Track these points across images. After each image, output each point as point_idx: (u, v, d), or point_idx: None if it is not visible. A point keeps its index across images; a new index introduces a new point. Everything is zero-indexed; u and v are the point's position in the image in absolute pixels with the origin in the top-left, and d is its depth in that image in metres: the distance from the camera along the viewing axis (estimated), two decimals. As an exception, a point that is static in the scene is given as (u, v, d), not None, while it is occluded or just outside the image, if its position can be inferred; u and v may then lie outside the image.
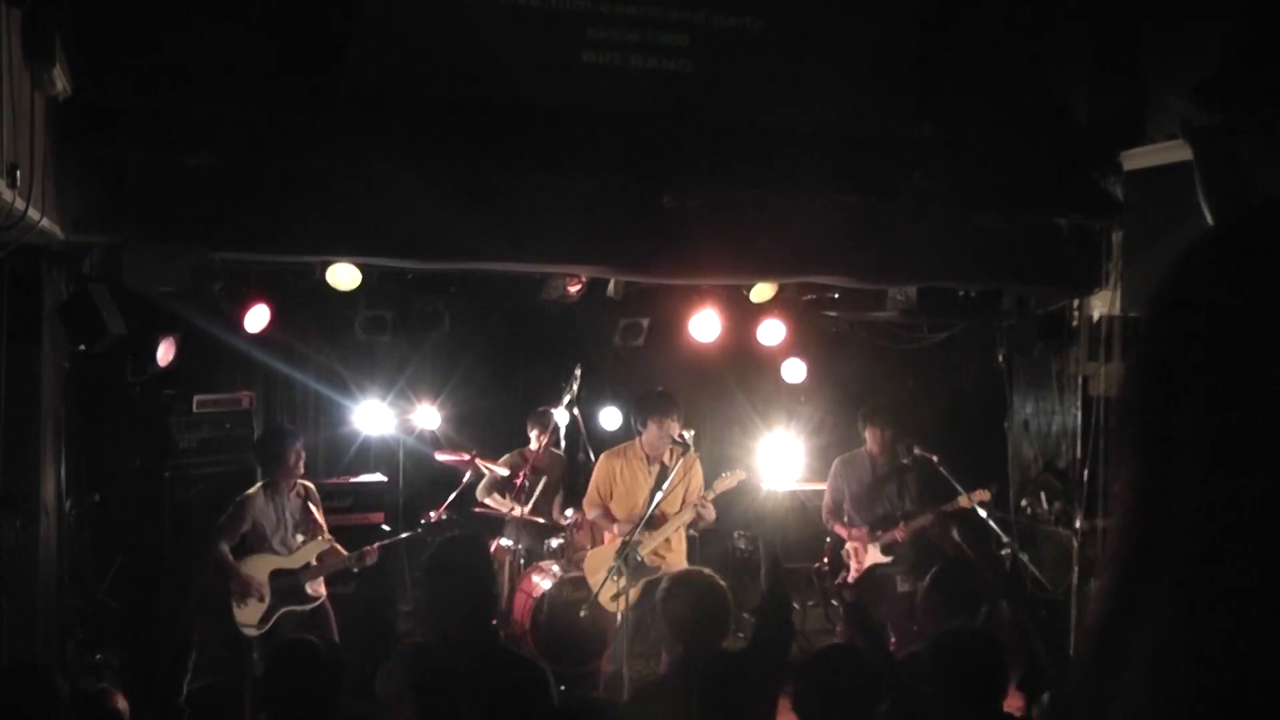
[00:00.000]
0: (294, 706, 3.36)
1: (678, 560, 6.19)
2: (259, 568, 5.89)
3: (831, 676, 3.31)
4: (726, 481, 6.25)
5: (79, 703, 3.64)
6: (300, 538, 6.07)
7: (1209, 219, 0.85)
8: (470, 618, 3.45)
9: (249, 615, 5.87)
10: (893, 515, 6.64)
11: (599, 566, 6.18)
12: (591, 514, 6.35)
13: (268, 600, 5.88)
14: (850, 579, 6.68)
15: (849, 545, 6.71)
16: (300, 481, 6.18)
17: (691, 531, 6.65)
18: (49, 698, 3.30)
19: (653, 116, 5.80)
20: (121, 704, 3.44)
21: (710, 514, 6.22)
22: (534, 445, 7.39)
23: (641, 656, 6.38)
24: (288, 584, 5.94)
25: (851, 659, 3.45)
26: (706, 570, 4.10)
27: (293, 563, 5.99)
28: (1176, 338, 0.68)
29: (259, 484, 6.10)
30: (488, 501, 7.39)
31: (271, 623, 5.91)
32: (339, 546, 6.19)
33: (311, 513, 6.17)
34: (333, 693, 3.38)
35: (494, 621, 3.73)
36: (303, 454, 6.13)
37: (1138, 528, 0.69)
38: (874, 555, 6.62)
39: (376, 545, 6.28)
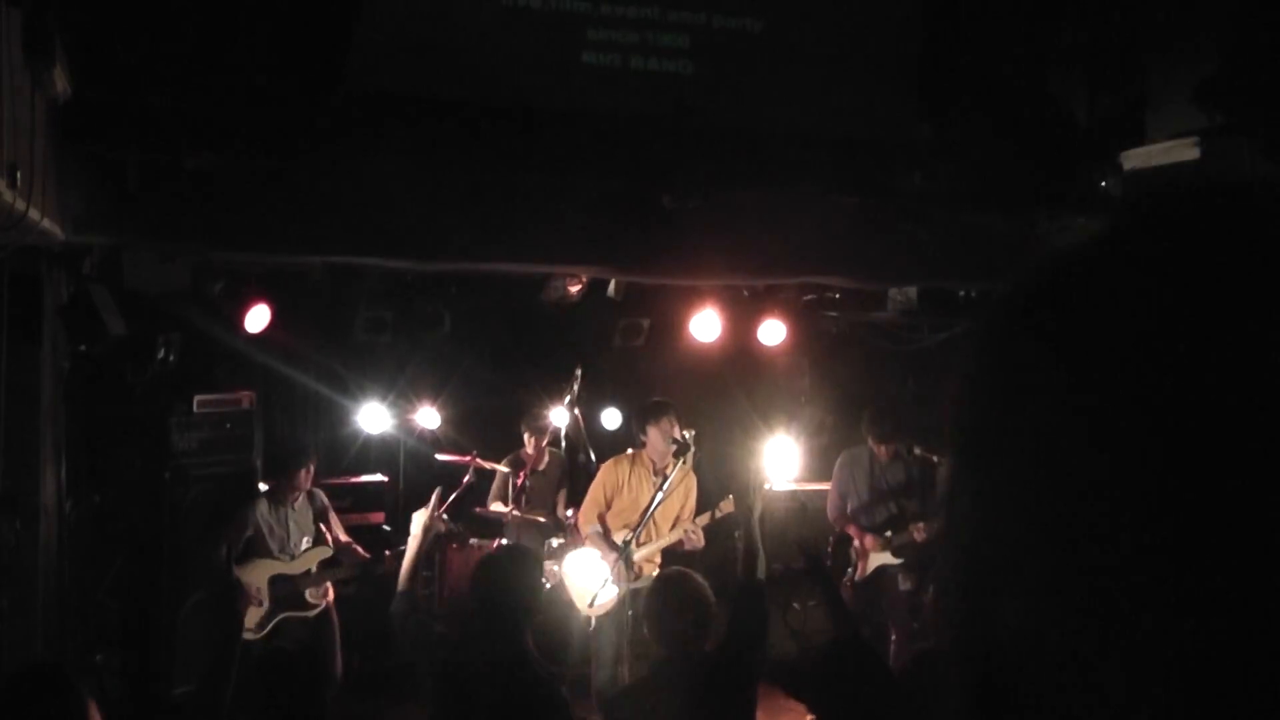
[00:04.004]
0: (276, 714, 3.37)
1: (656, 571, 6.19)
2: (259, 573, 5.89)
3: (848, 672, 3.30)
4: (724, 508, 6.24)
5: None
6: (305, 544, 6.07)
7: None
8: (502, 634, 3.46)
9: (248, 619, 5.88)
10: (903, 517, 6.64)
11: (580, 568, 6.19)
12: (586, 529, 6.31)
13: (266, 605, 5.88)
14: (856, 578, 6.68)
15: (857, 544, 6.71)
16: (313, 489, 6.22)
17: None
18: (71, 700, 3.29)
19: (653, 117, 5.80)
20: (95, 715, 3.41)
21: (698, 542, 6.20)
22: (529, 449, 7.39)
23: (643, 658, 6.38)
24: (287, 590, 5.94)
25: (862, 652, 3.44)
26: (689, 571, 4.08)
27: (293, 569, 5.99)
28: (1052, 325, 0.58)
29: (264, 490, 6.15)
30: (493, 507, 7.41)
31: (270, 627, 5.92)
32: (358, 548, 6.19)
33: (320, 521, 6.18)
34: (310, 703, 3.38)
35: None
36: (311, 471, 6.14)
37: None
38: (884, 557, 6.62)
39: (391, 555, 6.31)
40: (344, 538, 6.28)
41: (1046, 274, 0.57)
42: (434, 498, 4.22)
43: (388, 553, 6.23)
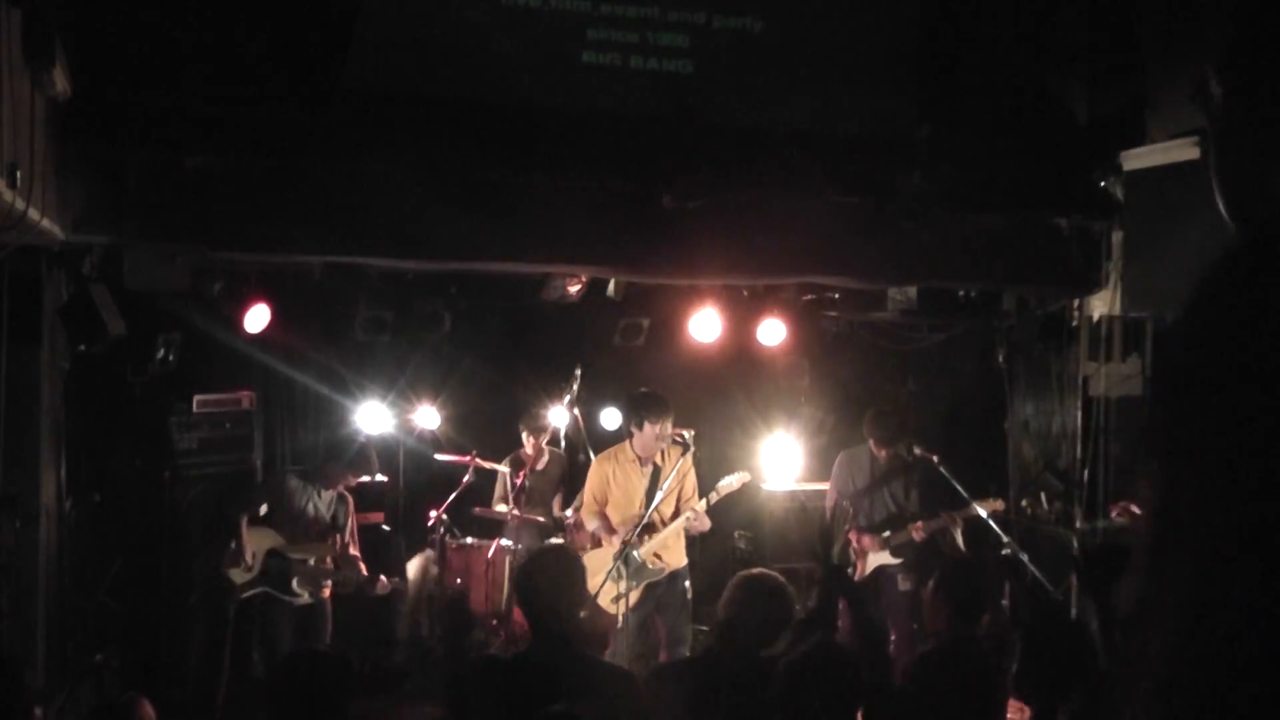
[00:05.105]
0: (302, 714, 3.37)
1: (676, 559, 6.20)
2: (260, 539, 5.96)
3: (819, 677, 3.29)
4: (728, 486, 6.23)
5: (105, 712, 3.66)
6: (315, 534, 6.11)
7: (1224, 209, 0.84)
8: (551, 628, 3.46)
9: (234, 577, 5.95)
10: (902, 517, 6.64)
11: (597, 569, 6.18)
12: (591, 525, 6.30)
13: (254, 572, 5.94)
14: (855, 578, 6.68)
15: (855, 544, 6.71)
16: (345, 492, 6.34)
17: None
18: (14, 690, 3.32)
19: (653, 117, 5.80)
20: (149, 712, 3.43)
21: (704, 524, 6.20)
22: (528, 449, 7.40)
23: (642, 657, 6.38)
24: (277, 567, 5.98)
25: (837, 657, 3.44)
26: (778, 575, 4.05)
27: (292, 551, 6.02)
28: (1206, 348, 0.71)
29: (301, 469, 6.35)
30: (497, 508, 7.41)
31: (251, 595, 5.96)
32: (361, 563, 6.23)
33: (338, 520, 6.22)
34: (340, 702, 3.39)
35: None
36: (352, 482, 6.31)
37: (1159, 529, 0.73)
38: (882, 557, 6.62)
39: (388, 581, 6.36)
40: (354, 550, 6.30)
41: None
42: (420, 563, 4.14)
43: (382, 579, 6.28)
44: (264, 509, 6.13)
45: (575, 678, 3.35)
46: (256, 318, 6.30)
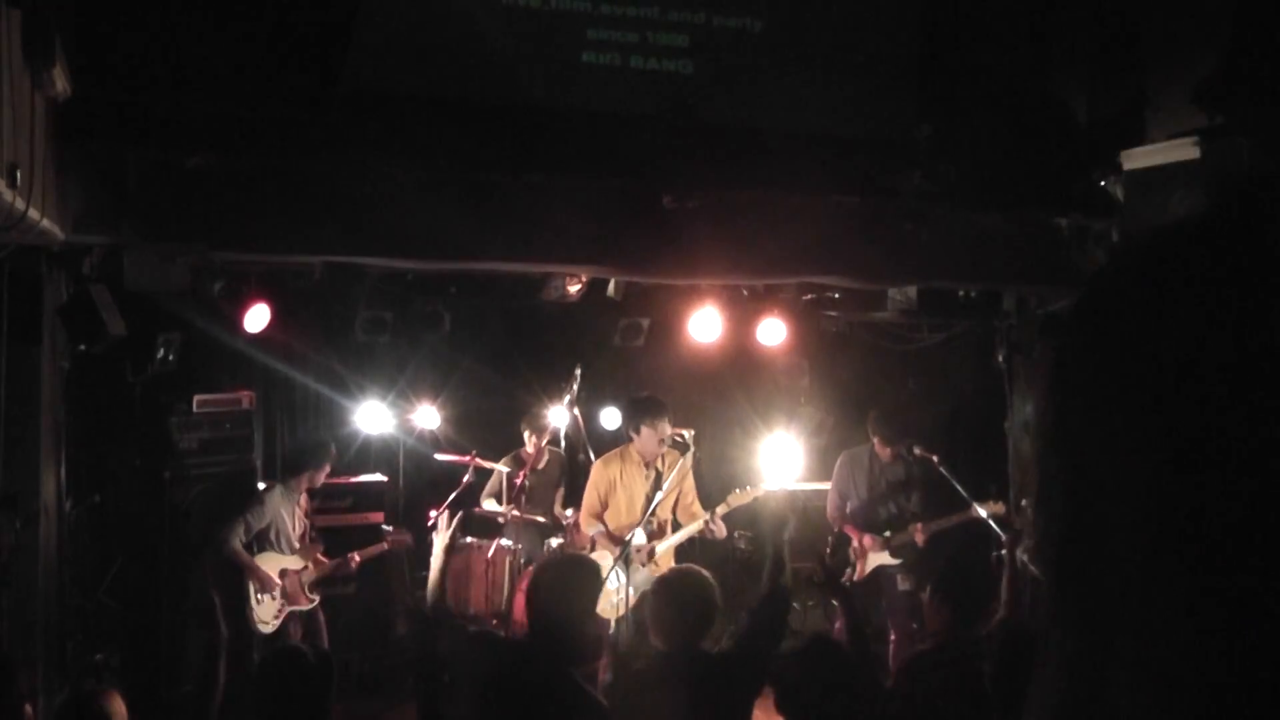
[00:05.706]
0: (286, 711, 3.39)
1: (668, 562, 6.21)
2: (270, 564, 5.94)
3: (815, 671, 3.29)
4: (740, 498, 6.24)
5: (74, 704, 3.66)
6: (304, 542, 6.13)
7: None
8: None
9: (265, 613, 5.90)
10: (903, 517, 6.64)
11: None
12: (591, 530, 6.30)
13: (278, 599, 5.92)
14: (854, 578, 6.68)
15: (855, 544, 6.71)
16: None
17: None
18: (7, 688, 3.33)
19: (653, 117, 5.80)
20: (118, 706, 3.44)
21: (721, 532, 6.23)
22: (529, 448, 7.41)
23: (643, 658, 6.38)
24: (293, 584, 5.98)
25: (832, 652, 3.44)
26: (698, 568, 4.06)
27: (295, 564, 6.02)
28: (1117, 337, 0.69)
29: (276, 482, 6.24)
30: (486, 506, 7.41)
31: (280, 621, 5.95)
32: (322, 556, 6.27)
33: (308, 518, 6.25)
34: (323, 697, 3.41)
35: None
36: (326, 471, 6.31)
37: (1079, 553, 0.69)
38: (882, 557, 6.62)
39: (358, 555, 6.32)
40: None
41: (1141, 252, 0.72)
42: (447, 521, 4.14)
43: (354, 556, 6.27)
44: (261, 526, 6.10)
45: (555, 694, 3.36)
46: (256, 318, 6.30)
